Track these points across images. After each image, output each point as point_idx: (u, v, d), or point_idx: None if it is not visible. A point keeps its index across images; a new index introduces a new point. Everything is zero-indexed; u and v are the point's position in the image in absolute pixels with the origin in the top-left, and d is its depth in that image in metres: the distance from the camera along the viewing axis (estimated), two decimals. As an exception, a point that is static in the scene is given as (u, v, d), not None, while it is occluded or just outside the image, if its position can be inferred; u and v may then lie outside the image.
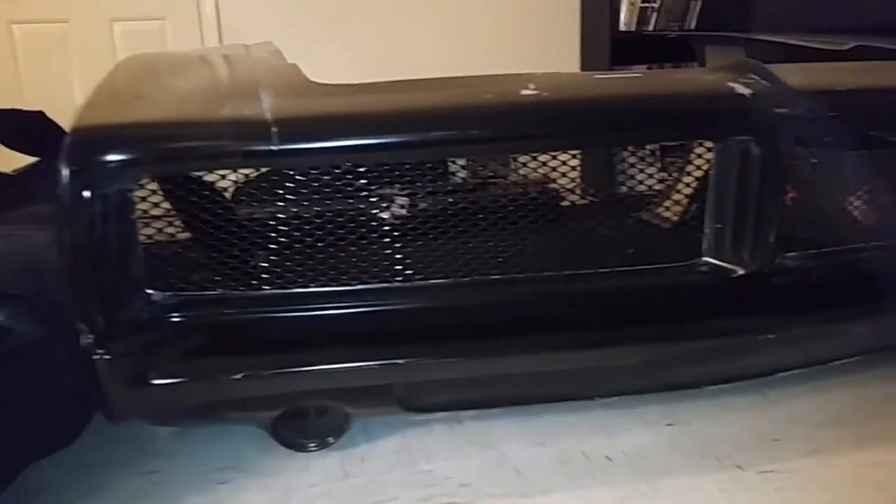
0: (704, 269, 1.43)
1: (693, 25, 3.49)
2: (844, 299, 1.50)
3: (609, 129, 1.37)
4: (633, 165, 1.70)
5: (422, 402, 1.43)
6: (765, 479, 1.33)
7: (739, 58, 2.15)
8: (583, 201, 1.60)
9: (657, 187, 1.72)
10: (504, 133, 1.32)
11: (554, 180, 1.49)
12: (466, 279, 1.37)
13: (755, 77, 1.40)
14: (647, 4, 3.39)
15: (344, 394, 1.36)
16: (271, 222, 1.31)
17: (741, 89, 1.37)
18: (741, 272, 1.41)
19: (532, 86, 1.35)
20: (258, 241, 1.31)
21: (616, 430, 1.49)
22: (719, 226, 1.42)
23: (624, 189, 1.75)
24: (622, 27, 3.38)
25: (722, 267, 1.42)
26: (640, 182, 1.63)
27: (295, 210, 1.32)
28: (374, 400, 1.40)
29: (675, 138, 1.50)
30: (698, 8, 3.48)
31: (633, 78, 1.57)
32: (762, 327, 1.42)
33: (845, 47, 2.09)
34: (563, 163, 1.44)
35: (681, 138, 1.50)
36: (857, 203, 1.67)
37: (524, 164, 1.49)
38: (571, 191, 1.54)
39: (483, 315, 1.38)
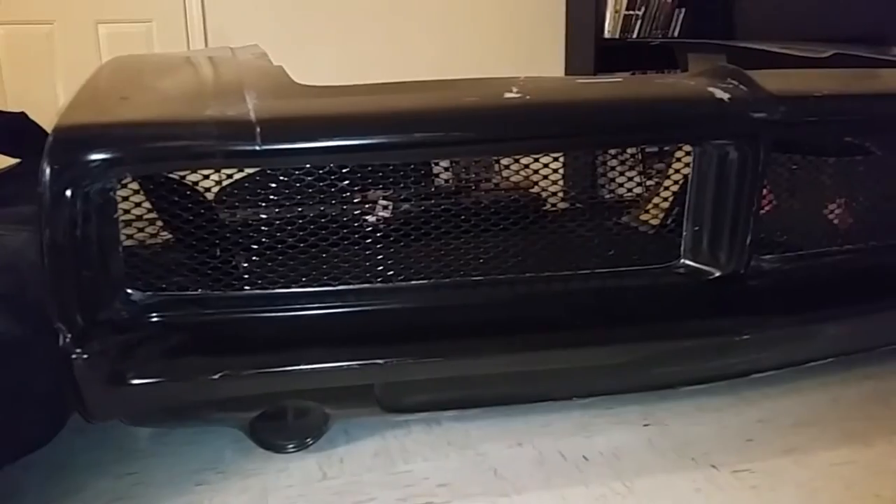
0: (682, 270, 1.45)
1: (677, 33, 3.54)
2: (819, 301, 1.52)
3: (589, 133, 1.38)
4: (613, 169, 1.73)
5: (401, 402, 1.43)
6: (738, 478, 1.35)
7: (719, 63, 2.18)
8: (564, 205, 1.62)
9: (639, 191, 1.75)
10: (486, 135, 1.33)
11: (536, 183, 1.50)
12: (447, 280, 1.38)
13: (734, 82, 1.43)
14: (631, 12, 3.43)
15: (323, 394, 1.37)
16: (252, 223, 1.32)
17: (719, 94, 1.39)
18: (718, 274, 1.43)
19: (515, 89, 1.36)
20: (239, 241, 1.32)
21: (594, 430, 1.50)
22: (697, 228, 1.44)
23: (606, 193, 1.78)
24: (606, 34, 3.42)
25: (699, 269, 1.44)
26: (621, 186, 1.65)
27: (275, 211, 1.33)
28: (354, 401, 1.40)
29: (654, 142, 1.53)
30: (682, 16, 3.53)
31: (614, 83, 1.59)
32: (737, 328, 1.44)
33: (824, 55, 2.13)
34: (545, 166, 1.46)
35: (661, 142, 1.52)
36: (833, 207, 1.70)
37: (506, 167, 1.50)
38: (553, 194, 1.56)
39: (463, 316, 1.39)
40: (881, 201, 1.69)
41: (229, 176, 1.37)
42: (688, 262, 1.44)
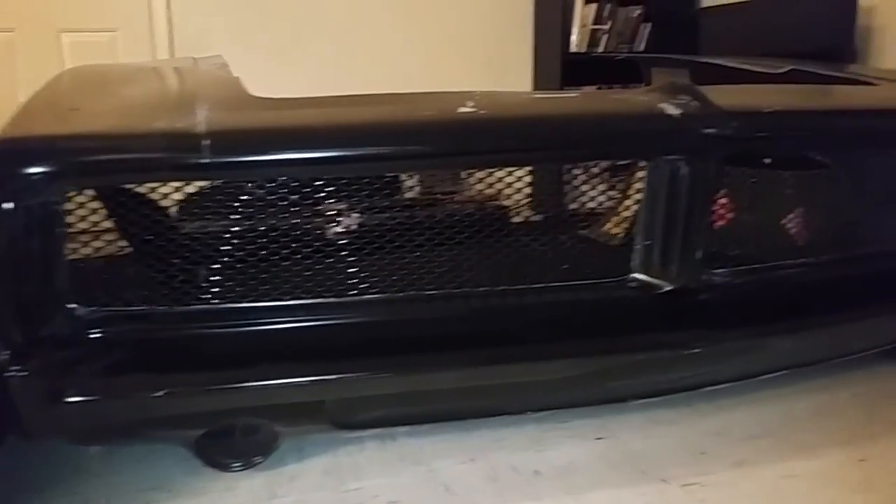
0: (634, 284, 1.45)
1: (643, 48, 3.58)
2: (770, 315, 1.53)
3: (540, 148, 1.39)
4: (568, 183, 1.73)
5: (354, 419, 1.41)
6: (687, 491, 1.35)
7: (675, 79, 2.21)
8: (518, 219, 1.62)
9: (595, 205, 1.75)
10: (439, 149, 1.33)
11: (491, 198, 1.50)
12: (400, 295, 1.37)
13: (685, 98, 1.44)
14: (598, 26, 3.46)
15: (271, 412, 1.34)
16: (199, 237, 1.30)
17: (671, 110, 1.40)
18: (669, 288, 1.44)
19: (470, 104, 1.36)
20: (185, 256, 1.30)
21: (547, 445, 1.50)
22: (649, 242, 1.45)
23: (562, 207, 1.78)
24: (573, 48, 3.45)
25: (650, 283, 1.44)
26: (576, 199, 1.66)
27: (222, 225, 1.31)
28: (304, 418, 1.37)
29: (605, 157, 1.53)
30: (648, 31, 3.58)
31: (567, 98, 1.60)
32: (688, 342, 1.44)
33: (780, 70, 2.16)
34: (499, 179, 1.46)
35: (611, 157, 1.53)
36: (785, 221, 1.72)
37: (460, 181, 1.50)
38: (508, 208, 1.57)
39: (415, 330, 1.38)
40: (834, 215, 1.72)
41: (177, 189, 1.35)
42: (639, 275, 1.45)
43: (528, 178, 1.55)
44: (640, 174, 1.49)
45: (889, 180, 1.72)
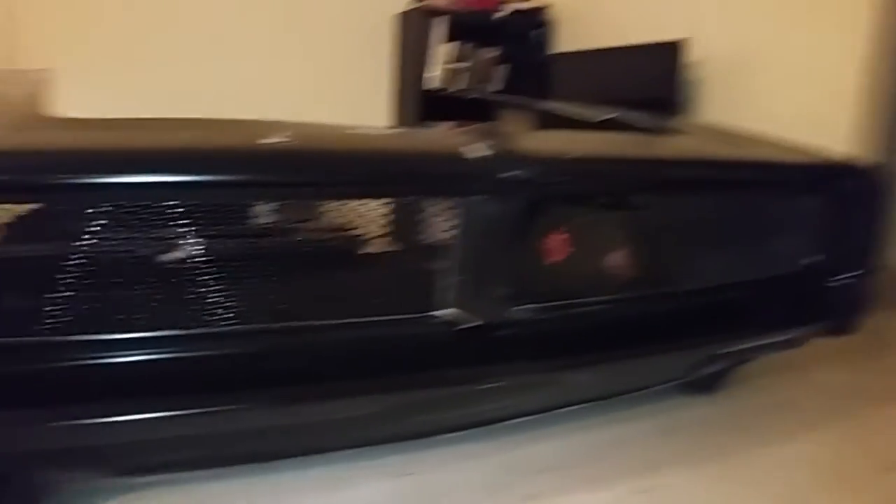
0: (438, 320, 1.47)
1: (500, 88, 3.74)
2: (569, 349, 1.60)
3: (339, 183, 1.38)
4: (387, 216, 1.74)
5: (138, 464, 1.33)
6: (476, 527, 1.37)
7: (487, 123, 2.29)
8: (327, 251, 1.61)
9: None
10: (226, 179, 1.29)
11: (295, 229, 1.49)
12: (187, 331, 1.31)
13: (492, 141, 1.50)
14: (453, 65, 3.58)
15: (38, 458, 1.23)
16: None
17: (471, 153, 1.45)
18: (472, 323, 1.47)
19: (277, 135, 1.34)
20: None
21: (351, 483, 1.48)
22: (456, 278, 1.48)
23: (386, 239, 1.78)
24: (433, 85, 3.54)
25: (455, 318, 1.47)
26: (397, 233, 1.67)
27: None
28: (77, 464, 1.27)
29: (407, 195, 1.55)
30: (505, 72, 3.74)
31: (380, 135, 1.62)
32: (486, 376, 1.48)
33: (598, 119, 2.31)
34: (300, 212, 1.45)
35: (415, 195, 1.55)
36: (598, 259, 1.82)
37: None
38: (316, 242, 1.55)
39: (206, 368, 1.32)
40: (642, 256, 1.83)
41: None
42: (443, 311, 1.47)
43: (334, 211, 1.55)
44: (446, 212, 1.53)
45: (688, 224, 1.86)
